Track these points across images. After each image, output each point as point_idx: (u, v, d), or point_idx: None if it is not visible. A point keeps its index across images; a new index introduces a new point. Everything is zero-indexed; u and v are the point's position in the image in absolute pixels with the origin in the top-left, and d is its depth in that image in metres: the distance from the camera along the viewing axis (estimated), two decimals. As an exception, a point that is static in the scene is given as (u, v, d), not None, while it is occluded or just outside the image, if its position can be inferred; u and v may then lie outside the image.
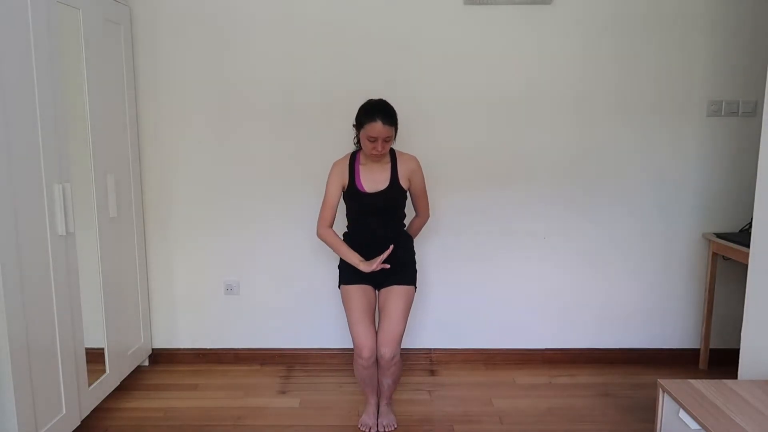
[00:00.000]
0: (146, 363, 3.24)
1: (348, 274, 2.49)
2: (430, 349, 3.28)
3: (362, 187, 2.41)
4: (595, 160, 3.11)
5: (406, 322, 2.43)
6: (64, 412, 2.36)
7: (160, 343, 3.28)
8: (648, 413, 2.71)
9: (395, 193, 2.43)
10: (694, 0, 2.98)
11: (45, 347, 2.24)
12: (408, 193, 2.54)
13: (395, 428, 2.56)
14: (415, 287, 2.54)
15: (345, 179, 2.45)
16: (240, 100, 3.06)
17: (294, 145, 3.09)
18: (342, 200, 2.52)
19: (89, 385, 2.56)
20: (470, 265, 3.20)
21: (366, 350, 2.37)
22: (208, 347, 3.28)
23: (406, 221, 2.64)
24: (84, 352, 2.51)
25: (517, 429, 2.59)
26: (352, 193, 2.44)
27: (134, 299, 3.05)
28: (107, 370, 2.74)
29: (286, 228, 3.16)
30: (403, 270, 2.49)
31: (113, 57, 2.80)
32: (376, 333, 2.42)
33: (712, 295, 3.11)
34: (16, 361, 2.06)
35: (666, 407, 1.96)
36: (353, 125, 2.43)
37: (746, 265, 2.33)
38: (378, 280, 2.48)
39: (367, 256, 2.43)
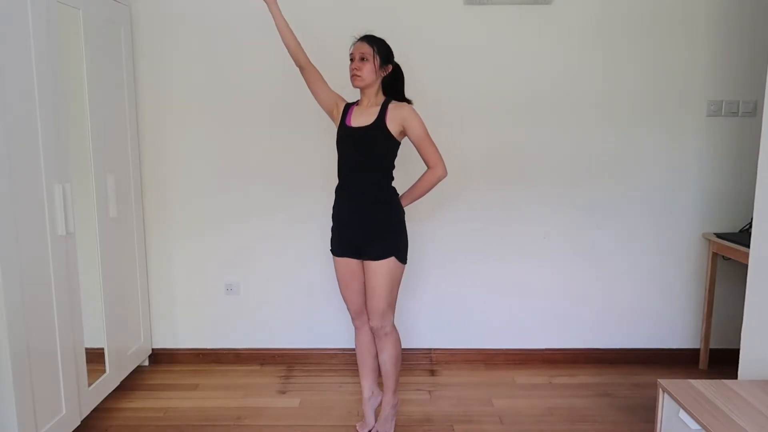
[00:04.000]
0: (146, 363, 3.24)
1: (333, 244, 2.45)
2: (430, 349, 3.28)
3: (349, 122, 2.35)
4: (594, 159, 3.11)
5: (390, 295, 2.35)
6: (64, 412, 2.36)
7: (160, 343, 3.28)
8: (648, 413, 2.71)
9: (376, 132, 2.28)
10: (695, 0, 2.98)
11: (45, 347, 2.24)
12: (399, 143, 2.37)
13: None
14: (401, 259, 2.35)
15: (340, 106, 2.42)
16: (240, 99, 3.06)
17: (294, 145, 3.09)
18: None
19: (89, 385, 2.56)
20: (470, 265, 3.20)
21: (353, 308, 2.47)
22: (208, 347, 3.28)
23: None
24: (84, 352, 2.51)
25: (517, 429, 2.59)
26: (340, 128, 2.37)
27: (134, 299, 3.05)
28: (107, 370, 2.74)
29: (286, 228, 3.16)
30: (381, 240, 2.31)
31: (113, 57, 2.80)
32: (363, 297, 2.43)
33: (712, 295, 3.11)
34: (16, 361, 2.06)
35: (666, 407, 1.96)
36: None
37: (746, 265, 2.33)
38: (359, 251, 2.35)
39: (344, 202, 2.36)
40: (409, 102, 2.41)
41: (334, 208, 2.43)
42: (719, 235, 3.02)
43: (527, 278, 3.21)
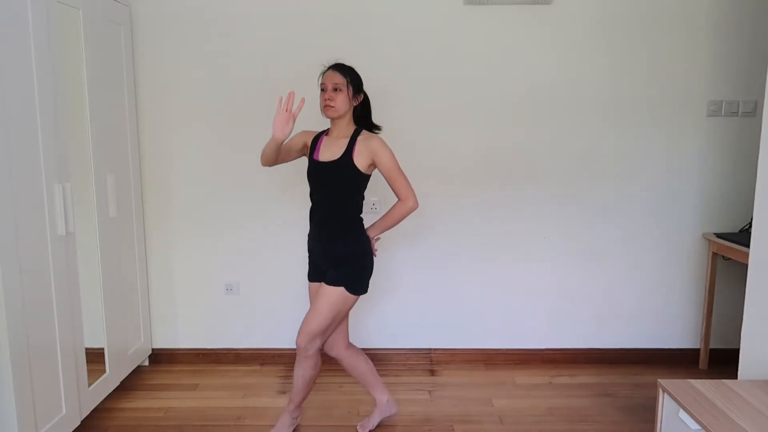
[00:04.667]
0: (146, 363, 3.24)
1: (309, 269, 2.47)
2: (430, 349, 3.28)
3: (317, 156, 2.32)
4: (594, 159, 3.11)
5: (326, 320, 2.27)
6: (64, 412, 2.36)
7: (160, 343, 3.28)
8: (648, 413, 2.72)
9: (342, 168, 2.24)
10: (695, 0, 2.98)
11: (45, 347, 2.24)
12: (369, 176, 2.35)
13: None
14: (352, 290, 2.30)
15: (308, 143, 2.39)
16: (240, 99, 3.06)
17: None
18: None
19: (89, 385, 2.56)
20: (470, 265, 3.20)
21: (324, 345, 2.46)
22: (208, 347, 3.28)
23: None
24: (84, 352, 2.51)
25: (517, 429, 2.59)
26: (309, 162, 2.35)
27: (134, 299, 3.05)
28: (107, 370, 2.74)
29: (286, 228, 3.16)
30: (336, 268, 2.29)
31: (113, 57, 2.80)
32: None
33: (712, 295, 3.11)
34: (16, 361, 2.06)
35: (666, 407, 1.96)
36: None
37: (746, 265, 2.33)
38: (323, 276, 2.35)
39: (312, 229, 2.37)
40: (378, 128, 2.40)
41: (308, 234, 2.43)
42: (719, 235, 3.02)
43: (527, 278, 3.21)
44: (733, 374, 2.38)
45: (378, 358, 3.27)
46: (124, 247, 2.92)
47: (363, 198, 2.36)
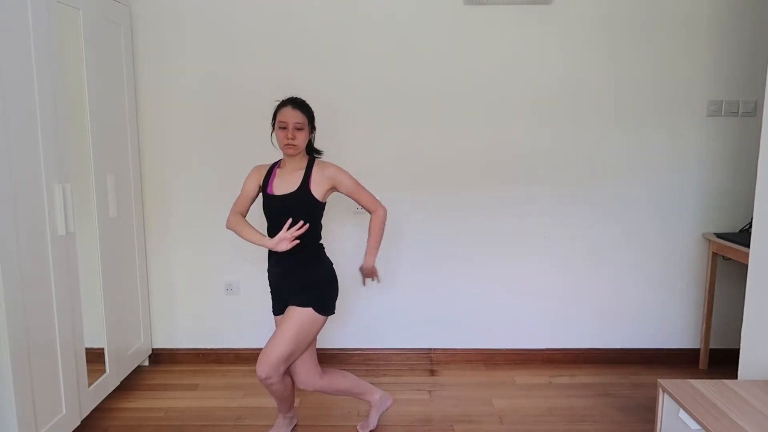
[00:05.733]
0: (146, 363, 3.24)
1: (273, 304, 2.42)
2: (430, 349, 3.28)
3: (272, 189, 2.30)
4: (594, 159, 3.11)
5: (291, 345, 2.20)
6: (64, 412, 2.36)
7: (160, 343, 3.28)
8: (648, 413, 2.72)
9: (300, 200, 2.24)
10: (695, 0, 2.98)
11: (45, 347, 2.24)
12: (325, 204, 2.33)
13: None
14: (321, 311, 2.26)
15: (260, 180, 2.36)
16: (240, 100, 3.06)
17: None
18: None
19: (89, 385, 2.56)
20: (470, 265, 3.20)
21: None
22: (208, 347, 3.28)
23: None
24: (84, 352, 2.51)
25: (517, 429, 2.59)
26: (264, 197, 2.33)
27: (134, 299, 3.05)
28: (107, 370, 2.74)
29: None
30: (305, 292, 2.26)
31: (113, 57, 2.80)
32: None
33: (712, 295, 3.11)
34: (16, 361, 2.06)
35: (666, 407, 1.96)
36: (271, 124, 2.31)
37: (746, 265, 2.33)
38: (288, 303, 2.32)
39: (274, 265, 2.33)
40: (319, 153, 2.39)
41: (268, 268, 2.39)
42: (719, 235, 3.02)
43: (527, 278, 3.21)
44: (733, 374, 2.38)
45: (378, 358, 3.27)
46: (124, 247, 2.92)
47: (321, 226, 2.36)
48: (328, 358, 3.27)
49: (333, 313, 2.34)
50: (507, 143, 3.09)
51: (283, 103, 2.27)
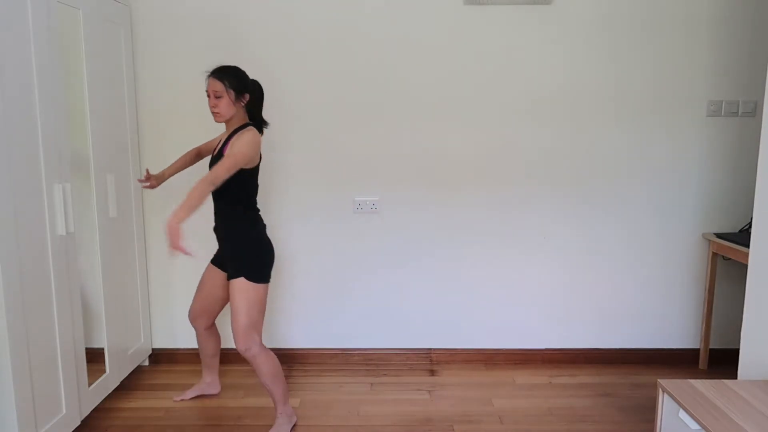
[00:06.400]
0: (146, 363, 3.24)
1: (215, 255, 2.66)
2: (430, 349, 3.28)
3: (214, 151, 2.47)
4: (594, 159, 3.11)
5: (248, 315, 2.37)
6: (64, 412, 2.36)
7: (160, 343, 3.28)
8: (648, 413, 2.72)
9: (216, 161, 2.39)
10: (695, 0, 2.98)
11: (45, 347, 2.24)
12: (248, 170, 2.35)
13: None
14: (252, 278, 2.38)
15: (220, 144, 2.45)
16: (240, 100, 3.06)
17: (293, 144, 3.09)
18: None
19: (89, 385, 2.56)
20: (470, 265, 3.20)
21: (192, 307, 2.70)
22: (208, 347, 3.28)
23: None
24: (84, 352, 2.51)
25: (517, 429, 2.59)
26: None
27: (134, 299, 3.05)
28: (107, 370, 2.74)
29: (285, 227, 3.16)
30: (232, 261, 2.44)
31: (113, 57, 2.80)
32: (207, 302, 2.67)
33: (712, 295, 3.11)
34: (16, 361, 2.06)
35: (666, 407, 1.96)
36: None
37: (746, 265, 2.33)
38: (223, 264, 2.59)
39: (215, 228, 2.52)
40: (265, 124, 2.48)
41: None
42: (719, 235, 3.02)
43: (527, 278, 3.21)
44: (733, 374, 2.38)
45: (378, 358, 3.27)
46: (124, 247, 2.92)
47: (248, 193, 2.42)
48: (328, 358, 3.27)
49: (266, 281, 2.44)
50: (507, 143, 3.09)
51: (208, 74, 2.37)
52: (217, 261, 2.63)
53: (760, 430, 1.66)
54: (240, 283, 2.38)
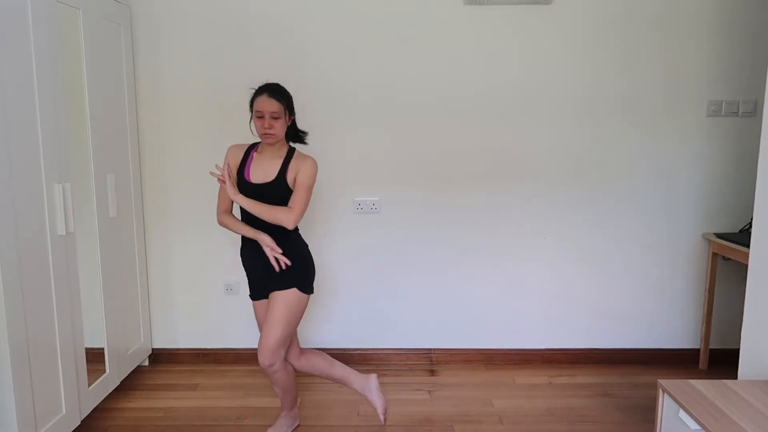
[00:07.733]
0: (146, 363, 3.24)
1: (250, 289, 2.45)
2: (430, 349, 3.28)
3: (248, 176, 2.29)
4: (594, 160, 3.11)
5: (285, 329, 2.28)
6: (64, 411, 2.36)
7: (160, 343, 3.28)
8: (648, 413, 2.72)
9: (277, 189, 2.27)
10: (695, 0, 2.98)
11: (45, 347, 2.24)
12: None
13: None
14: (304, 290, 2.33)
15: (237, 163, 2.34)
16: (240, 99, 3.05)
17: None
18: None
19: (89, 385, 2.56)
20: (470, 266, 3.19)
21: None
22: (208, 347, 3.28)
23: None
24: (84, 352, 2.51)
25: (517, 429, 2.59)
26: (239, 180, 2.31)
27: (134, 299, 3.05)
28: (107, 370, 2.74)
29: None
30: (284, 274, 2.30)
31: (113, 57, 2.80)
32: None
33: (712, 295, 3.11)
34: (16, 361, 2.06)
35: (666, 407, 1.96)
36: (250, 110, 2.30)
37: (746, 265, 2.33)
38: (268, 289, 2.37)
39: (250, 251, 2.36)
40: (304, 133, 2.39)
41: (241, 251, 2.42)
42: (719, 235, 3.02)
43: (527, 278, 3.21)
44: (733, 374, 2.38)
45: (378, 358, 3.27)
46: (124, 247, 2.92)
47: None
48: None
49: (312, 292, 2.39)
50: (506, 143, 3.09)
51: (260, 91, 2.25)
52: (258, 294, 2.43)
53: (760, 430, 1.66)
54: (290, 294, 2.29)
